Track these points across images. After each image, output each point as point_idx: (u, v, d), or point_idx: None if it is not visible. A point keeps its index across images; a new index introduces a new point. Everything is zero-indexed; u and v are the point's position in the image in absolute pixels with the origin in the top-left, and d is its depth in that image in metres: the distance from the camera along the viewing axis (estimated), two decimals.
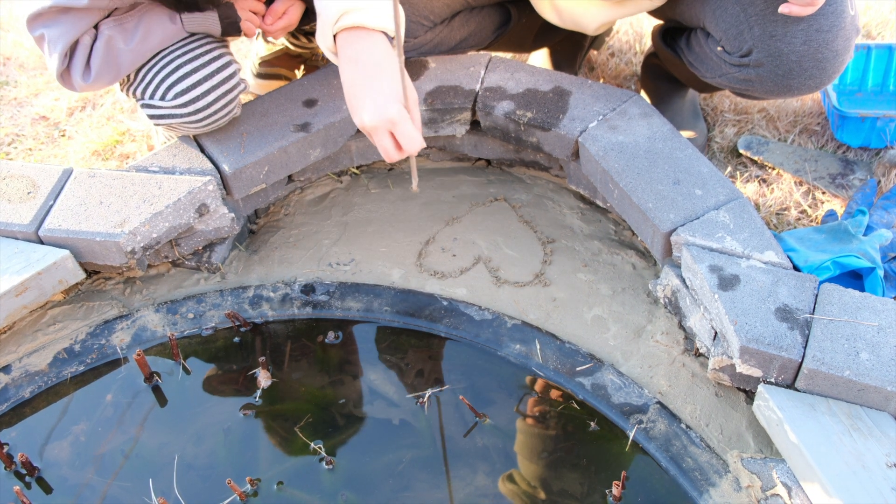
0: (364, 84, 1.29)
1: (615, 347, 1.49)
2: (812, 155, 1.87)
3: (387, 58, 1.29)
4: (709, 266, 1.36)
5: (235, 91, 1.55)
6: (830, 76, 1.48)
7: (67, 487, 1.34)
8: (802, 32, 1.42)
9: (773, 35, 1.44)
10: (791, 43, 1.43)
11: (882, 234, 1.54)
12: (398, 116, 1.26)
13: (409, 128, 1.27)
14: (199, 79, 1.49)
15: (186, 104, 1.50)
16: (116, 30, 1.47)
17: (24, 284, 1.47)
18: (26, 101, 2.24)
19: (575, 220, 1.74)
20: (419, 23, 1.73)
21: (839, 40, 1.43)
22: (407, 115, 1.27)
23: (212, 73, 1.51)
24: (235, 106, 1.59)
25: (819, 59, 1.44)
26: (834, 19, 1.41)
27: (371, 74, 1.29)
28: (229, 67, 1.53)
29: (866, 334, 1.25)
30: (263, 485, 1.32)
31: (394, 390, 1.45)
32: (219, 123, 1.59)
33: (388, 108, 1.26)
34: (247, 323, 1.56)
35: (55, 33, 1.44)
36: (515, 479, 1.33)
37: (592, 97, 1.67)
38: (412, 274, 1.64)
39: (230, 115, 1.60)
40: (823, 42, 1.42)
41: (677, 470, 1.31)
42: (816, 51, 1.43)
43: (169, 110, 1.52)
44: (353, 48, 1.30)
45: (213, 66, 1.51)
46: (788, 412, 1.23)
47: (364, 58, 1.30)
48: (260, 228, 1.78)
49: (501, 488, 1.31)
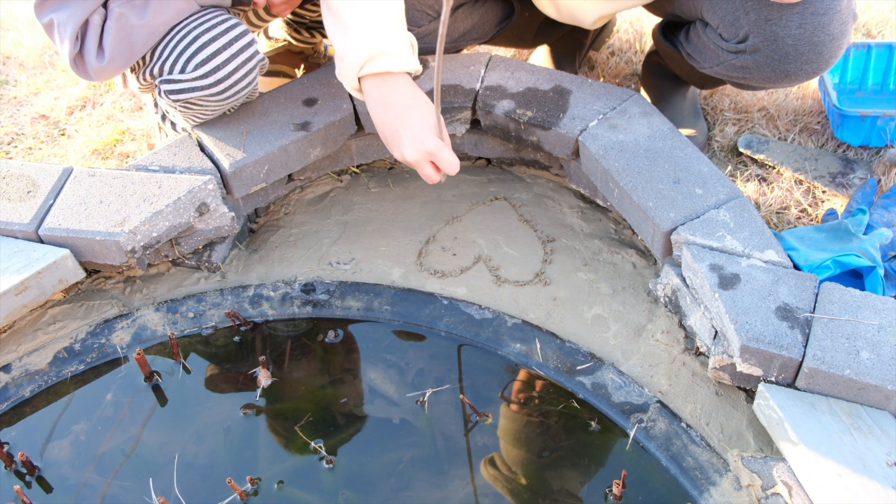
0: (398, 123, 1.40)
1: (615, 346, 1.49)
2: (812, 154, 1.87)
3: (414, 95, 1.41)
4: (709, 265, 1.36)
5: (254, 60, 1.52)
6: (828, 60, 1.47)
7: (67, 487, 1.34)
8: (798, 16, 1.42)
9: (769, 19, 1.44)
10: (787, 27, 1.43)
11: (882, 233, 1.54)
12: (436, 147, 1.37)
13: (448, 154, 1.38)
14: (217, 47, 1.46)
15: (207, 74, 1.47)
16: (126, 6, 1.44)
17: (24, 283, 1.47)
18: (26, 100, 2.24)
19: (575, 219, 1.74)
20: (423, 12, 1.73)
21: (835, 23, 1.42)
22: (442, 144, 1.38)
23: (230, 42, 1.47)
24: (255, 78, 1.56)
25: (815, 42, 1.44)
26: (830, 3, 1.41)
27: (403, 114, 1.39)
28: (246, 36, 1.49)
29: (867, 333, 1.25)
30: (264, 484, 1.32)
31: (394, 389, 1.45)
32: (239, 96, 1.55)
33: (426, 142, 1.37)
34: (247, 322, 1.56)
35: (64, 16, 1.41)
36: (516, 477, 1.33)
37: (593, 96, 1.67)
38: (412, 273, 1.64)
39: (250, 88, 1.56)
40: (819, 25, 1.42)
41: (678, 469, 1.31)
42: (812, 34, 1.43)
43: (190, 83, 1.48)
44: (381, 91, 1.41)
45: (230, 34, 1.47)
46: (789, 411, 1.23)
47: (393, 100, 1.40)
48: (260, 227, 1.78)
49: (501, 487, 1.31)
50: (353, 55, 1.39)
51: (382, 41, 1.38)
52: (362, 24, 1.40)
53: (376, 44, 1.38)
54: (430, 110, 1.40)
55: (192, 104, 1.55)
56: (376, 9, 1.40)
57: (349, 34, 1.40)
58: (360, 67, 1.39)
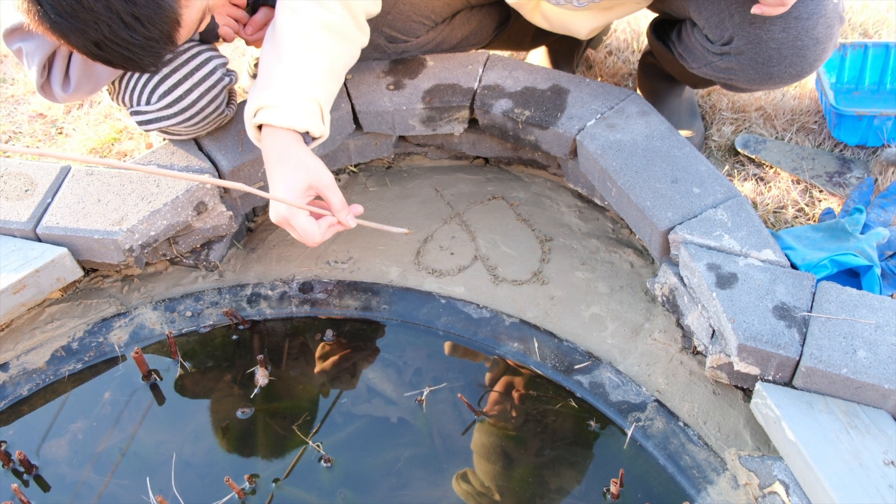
0: (269, 178, 1.37)
1: (613, 345, 1.49)
2: (809, 153, 1.87)
3: (283, 154, 1.36)
4: (707, 264, 1.36)
5: (219, 86, 1.53)
6: (812, 64, 1.47)
7: (65, 485, 1.33)
8: (781, 20, 1.41)
9: (753, 22, 1.44)
10: (770, 30, 1.43)
11: (879, 233, 1.54)
12: (287, 214, 1.33)
13: (302, 223, 1.33)
14: (179, 77, 1.47)
15: (171, 104, 1.49)
16: None
17: (22, 282, 1.47)
18: (23, 98, 2.24)
19: (573, 218, 1.74)
20: (421, 22, 1.73)
21: (819, 27, 1.42)
22: (296, 213, 1.33)
23: (192, 71, 1.48)
24: (223, 103, 1.57)
25: (799, 46, 1.43)
26: (814, 6, 1.40)
27: (271, 171, 1.36)
28: (209, 63, 1.50)
29: (864, 332, 1.25)
30: (262, 482, 1.32)
31: (392, 388, 1.45)
32: (209, 122, 1.57)
33: (279, 209, 1.34)
34: (245, 321, 1.56)
35: (31, 46, 1.42)
36: (513, 476, 1.33)
37: (590, 95, 1.67)
38: (410, 272, 1.64)
39: (219, 114, 1.58)
40: (803, 29, 1.41)
41: (675, 468, 1.31)
42: (796, 38, 1.42)
43: (156, 113, 1.50)
44: (264, 143, 1.39)
45: (192, 63, 1.48)
46: (786, 410, 1.24)
47: (269, 154, 1.37)
48: (258, 226, 1.78)
49: (499, 486, 1.31)
50: (251, 102, 1.39)
51: (275, 95, 1.36)
52: (268, 71, 1.40)
53: (269, 96, 1.36)
54: (303, 171, 1.34)
55: (164, 131, 1.57)
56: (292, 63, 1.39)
57: (257, 81, 1.41)
58: (252, 115, 1.39)
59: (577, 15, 1.67)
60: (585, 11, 1.65)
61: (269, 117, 1.36)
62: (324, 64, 1.43)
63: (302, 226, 1.34)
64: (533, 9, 1.70)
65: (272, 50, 1.42)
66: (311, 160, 1.36)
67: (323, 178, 1.35)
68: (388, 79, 1.75)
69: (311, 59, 1.41)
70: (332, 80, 1.47)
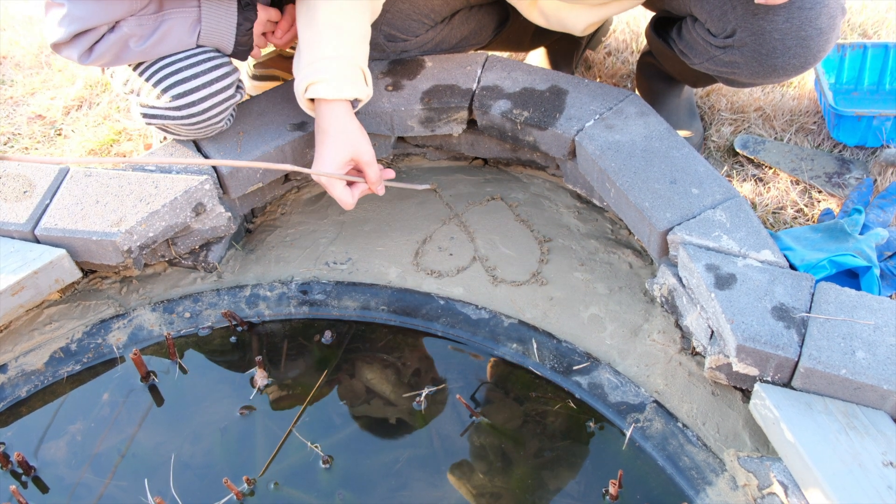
0: (317, 147, 1.54)
1: (612, 346, 1.49)
2: (808, 154, 1.87)
3: (334, 125, 1.51)
4: (705, 265, 1.36)
5: (231, 101, 1.56)
6: (816, 55, 1.46)
7: (64, 487, 1.33)
8: (785, 10, 1.41)
9: (756, 13, 1.44)
10: (773, 21, 1.43)
11: (878, 233, 1.54)
12: (326, 181, 1.53)
13: (339, 192, 1.53)
14: (198, 84, 1.49)
15: (181, 107, 1.50)
16: (135, 27, 1.46)
17: (21, 283, 1.47)
18: (22, 99, 2.24)
19: (571, 219, 1.74)
20: (420, 21, 1.74)
21: (823, 17, 1.42)
22: (335, 182, 1.52)
23: (212, 81, 1.50)
24: (228, 114, 1.60)
25: (803, 36, 1.43)
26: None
27: (321, 140, 1.53)
28: (229, 77, 1.54)
29: (862, 333, 1.25)
30: (260, 484, 1.32)
31: (390, 389, 1.45)
32: (209, 129, 1.58)
33: (320, 174, 1.52)
34: (243, 322, 1.56)
35: (79, 12, 1.41)
36: (512, 477, 1.33)
37: (589, 96, 1.67)
38: (409, 273, 1.64)
39: (221, 124, 1.60)
40: (806, 19, 1.42)
41: (674, 468, 1.31)
42: (799, 28, 1.42)
43: (163, 111, 1.51)
44: (318, 114, 1.53)
45: (214, 73, 1.51)
46: (785, 411, 1.23)
47: (321, 124, 1.52)
48: (256, 227, 1.77)
49: (498, 487, 1.31)
50: (300, 79, 1.51)
51: (323, 69, 1.48)
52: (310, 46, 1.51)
53: (316, 70, 1.48)
54: (348, 146, 1.50)
55: (164, 128, 1.58)
56: (332, 35, 1.50)
57: (301, 57, 1.52)
58: (303, 91, 1.51)
59: (573, 11, 1.67)
60: (581, 6, 1.65)
61: (320, 91, 1.49)
62: (360, 28, 1.54)
63: (338, 194, 1.54)
64: (530, 5, 1.70)
65: (308, 24, 1.51)
66: (356, 135, 1.52)
67: (364, 155, 1.53)
68: (387, 80, 1.75)
69: (347, 27, 1.51)
70: (367, 40, 1.58)
